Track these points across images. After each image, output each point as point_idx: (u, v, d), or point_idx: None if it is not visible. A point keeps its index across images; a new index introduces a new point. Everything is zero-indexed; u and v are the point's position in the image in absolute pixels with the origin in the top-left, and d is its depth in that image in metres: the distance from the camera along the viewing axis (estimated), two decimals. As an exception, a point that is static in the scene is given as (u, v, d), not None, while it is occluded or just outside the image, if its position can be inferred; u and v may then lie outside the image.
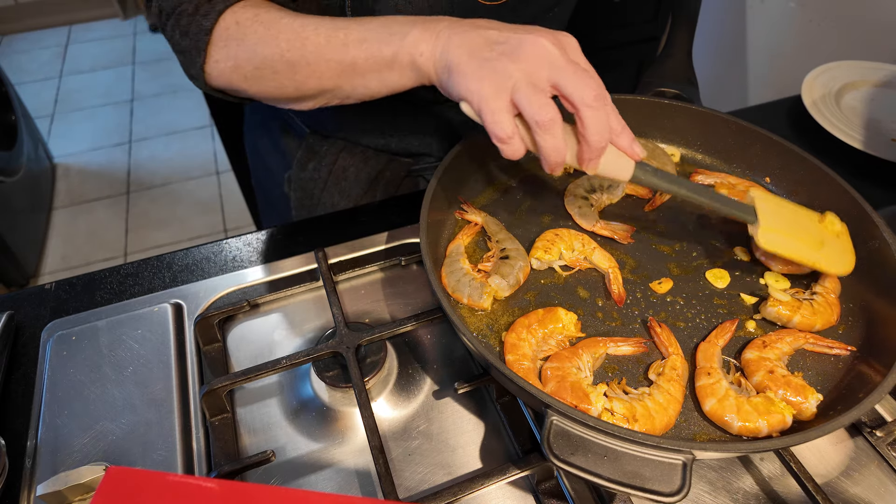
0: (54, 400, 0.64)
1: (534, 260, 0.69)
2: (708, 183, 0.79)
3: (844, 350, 0.61)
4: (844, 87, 1.11)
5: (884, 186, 0.93)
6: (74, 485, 0.55)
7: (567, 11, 0.92)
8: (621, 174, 0.60)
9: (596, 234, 0.73)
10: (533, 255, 0.69)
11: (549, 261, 0.69)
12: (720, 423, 0.56)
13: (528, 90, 0.53)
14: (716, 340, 0.61)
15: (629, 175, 0.60)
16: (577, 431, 0.49)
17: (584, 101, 0.54)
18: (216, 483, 0.45)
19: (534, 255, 0.69)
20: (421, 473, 0.60)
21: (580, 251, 0.70)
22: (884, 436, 0.60)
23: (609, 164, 0.59)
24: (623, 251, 0.72)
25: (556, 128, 0.54)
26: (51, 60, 3.52)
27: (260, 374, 0.63)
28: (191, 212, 2.64)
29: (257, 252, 0.81)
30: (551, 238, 0.70)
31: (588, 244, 0.70)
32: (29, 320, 0.73)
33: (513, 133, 0.55)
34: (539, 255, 0.69)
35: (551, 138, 0.55)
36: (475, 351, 0.56)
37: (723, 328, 0.63)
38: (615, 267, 0.68)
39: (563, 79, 0.54)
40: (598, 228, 0.73)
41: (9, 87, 2.43)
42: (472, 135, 0.74)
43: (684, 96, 0.84)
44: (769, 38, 1.64)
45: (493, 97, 0.54)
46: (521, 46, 0.54)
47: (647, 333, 0.63)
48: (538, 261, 0.69)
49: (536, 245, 0.70)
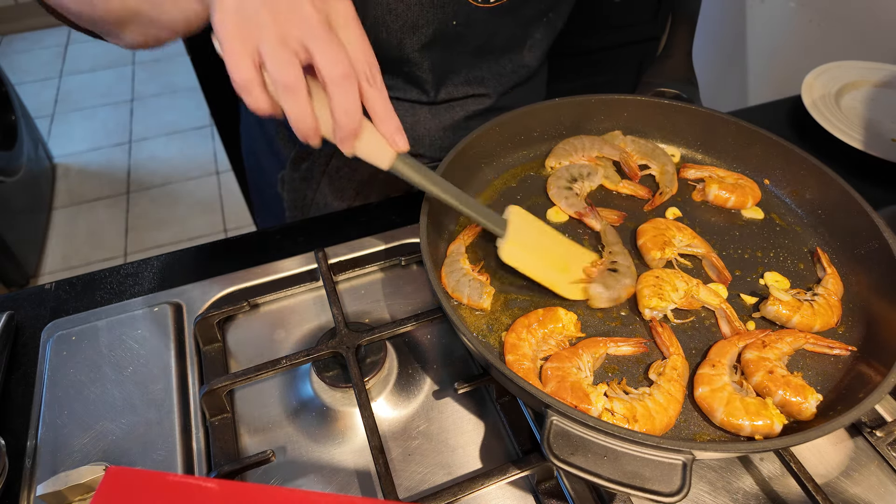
0: (54, 400, 0.64)
1: (647, 311, 0.63)
2: (698, 177, 0.80)
3: (845, 350, 0.61)
4: (844, 87, 1.11)
5: (884, 186, 0.93)
6: (74, 485, 0.55)
7: (561, 18, 0.92)
8: (380, 161, 0.58)
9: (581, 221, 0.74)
10: (646, 305, 0.63)
11: (664, 308, 0.63)
12: (706, 409, 0.56)
13: (275, 46, 0.50)
14: (736, 341, 0.61)
15: (388, 164, 0.58)
16: (577, 431, 0.49)
17: (330, 76, 0.50)
18: (216, 483, 0.45)
19: (647, 306, 0.63)
20: (421, 473, 0.60)
21: (685, 290, 0.65)
22: (884, 436, 0.60)
23: (368, 148, 0.56)
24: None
25: (299, 93, 0.51)
26: (51, 60, 3.52)
27: (260, 374, 0.63)
28: (191, 212, 2.64)
29: (257, 252, 0.81)
30: (656, 283, 0.65)
31: (690, 281, 0.66)
32: (29, 320, 0.73)
33: (251, 82, 0.51)
34: (654, 305, 0.63)
35: (293, 103, 0.51)
36: (475, 351, 0.56)
37: (749, 334, 0.62)
38: (724, 301, 0.65)
39: (314, 47, 0.50)
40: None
41: (9, 87, 2.43)
42: (472, 135, 0.74)
43: (684, 96, 0.84)
44: (769, 39, 1.64)
45: (237, 39, 0.50)
46: (281, 1, 0.50)
47: (647, 333, 0.63)
48: (651, 310, 0.63)
49: (643, 293, 0.64)
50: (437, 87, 0.90)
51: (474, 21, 0.80)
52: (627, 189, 0.79)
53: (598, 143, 0.82)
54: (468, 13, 0.79)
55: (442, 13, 0.78)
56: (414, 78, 0.87)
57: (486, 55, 0.89)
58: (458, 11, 0.78)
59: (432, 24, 0.78)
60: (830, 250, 0.71)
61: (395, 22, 0.78)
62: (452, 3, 0.77)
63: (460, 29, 0.81)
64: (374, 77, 0.54)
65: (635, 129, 0.84)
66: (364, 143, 0.56)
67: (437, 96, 0.91)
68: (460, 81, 0.90)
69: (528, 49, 0.92)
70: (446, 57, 0.86)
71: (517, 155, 0.82)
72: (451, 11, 0.78)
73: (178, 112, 3.16)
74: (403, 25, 0.78)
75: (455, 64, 0.88)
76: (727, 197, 0.76)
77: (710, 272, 0.69)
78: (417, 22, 0.78)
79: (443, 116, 0.94)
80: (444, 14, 0.78)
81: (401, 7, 0.76)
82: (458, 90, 0.91)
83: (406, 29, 0.79)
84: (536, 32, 0.91)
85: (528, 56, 0.93)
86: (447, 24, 0.79)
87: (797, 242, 0.73)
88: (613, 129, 0.85)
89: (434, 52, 0.84)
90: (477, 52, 0.87)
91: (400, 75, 0.88)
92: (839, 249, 0.70)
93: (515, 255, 0.65)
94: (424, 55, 0.83)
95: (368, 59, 0.53)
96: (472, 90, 0.92)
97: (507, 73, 0.93)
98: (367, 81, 0.54)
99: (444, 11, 0.78)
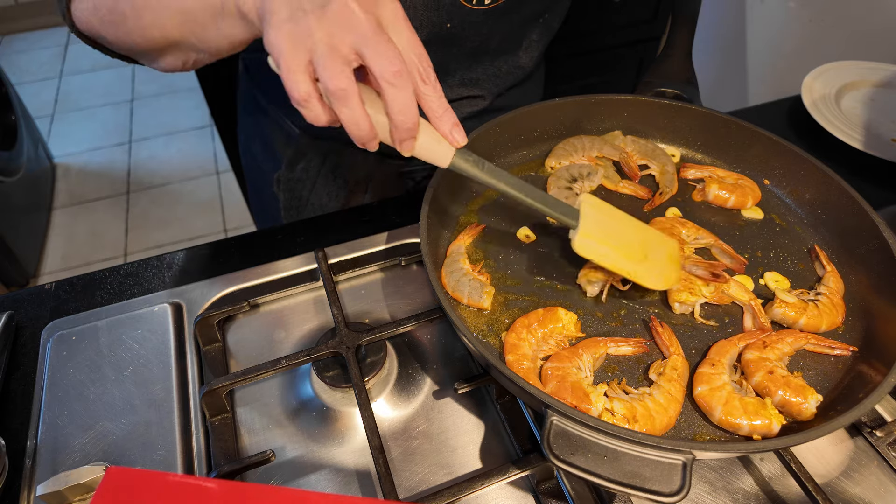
0: (54, 400, 0.64)
1: (676, 304, 0.64)
2: (698, 177, 0.80)
3: (847, 351, 0.61)
4: (844, 87, 1.11)
5: (884, 187, 0.93)
6: (74, 485, 0.55)
7: (557, 19, 0.92)
8: (439, 160, 0.57)
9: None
10: (676, 299, 0.64)
11: (694, 302, 0.63)
12: (704, 408, 0.56)
13: (326, 54, 0.49)
14: (737, 341, 0.61)
15: (447, 162, 0.57)
16: (577, 431, 0.49)
17: (384, 77, 0.50)
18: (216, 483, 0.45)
19: (677, 300, 0.64)
20: (421, 473, 0.60)
21: (716, 284, 0.64)
22: (884, 436, 0.60)
23: (426, 147, 0.56)
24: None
25: (351, 99, 0.51)
26: (51, 60, 3.51)
27: (260, 374, 0.63)
28: (191, 212, 2.64)
29: (257, 252, 0.81)
30: (687, 277, 0.65)
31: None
32: (29, 320, 0.73)
33: (308, 95, 0.51)
34: (683, 299, 0.63)
35: (347, 110, 0.51)
36: (475, 351, 0.56)
37: (751, 334, 0.62)
38: (755, 298, 0.65)
39: (366, 49, 0.50)
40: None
41: (9, 87, 2.43)
42: (472, 135, 0.74)
43: (684, 96, 0.84)
44: (769, 38, 1.64)
45: (291, 55, 0.50)
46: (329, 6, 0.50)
47: (647, 333, 0.63)
48: (682, 304, 0.63)
49: (674, 287, 0.64)
50: None
51: (469, 23, 0.80)
52: (627, 189, 0.79)
53: (598, 143, 0.82)
54: (463, 16, 0.78)
55: (436, 16, 0.77)
56: None
57: (482, 57, 0.88)
58: (453, 14, 0.78)
59: (426, 28, 0.78)
60: (830, 250, 0.71)
61: None
62: (446, 6, 0.77)
63: (455, 31, 0.80)
64: (427, 75, 0.53)
65: (635, 129, 0.84)
66: (422, 143, 0.55)
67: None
68: (455, 83, 0.90)
69: (525, 50, 0.92)
70: (440, 59, 0.85)
71: (517, 155, 0.82)
72: (446, 14, 0.77)
73: (177, 112, 3.16)
74: None
75: (450, 66, 0.87)
76: (727, 197, 0.76)
77: (722, 259, 0.69)
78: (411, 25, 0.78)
79: None
80: (438, 17, 0.77)
81: None
82: (452, 92, 0.91)
83: None
84: (532, 33, 0.90)
85: (524, 57, 0.92)
86: (441, 26, 0.79)
87: (797, 242, 0.73)
88: (613, 129, 0.85)
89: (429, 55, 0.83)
90: (472, 53, 0.87)
91: None
92: (839, 249, 0.70)
93: (590, 246, 0.62)
94: None
95: (421, 58, 0.53)
96: (468, 92, 0.92)
97: (502, 75, 0.93)
98: (422, 80, 0.53)
99: (437, 14, 0.77)
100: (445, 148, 0.57)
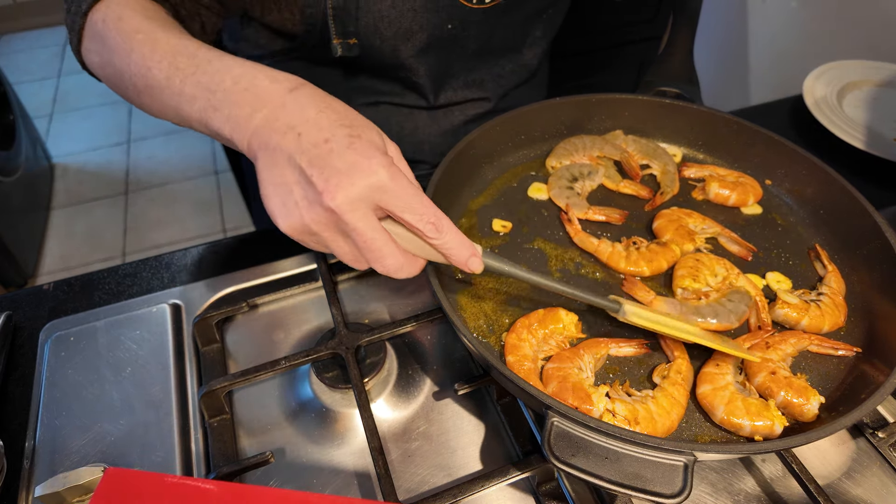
0: (52, 401, 0.64)
1: (679, 290, 0.64)
2: (699, 175, 0.80)
3: (850, 351, 0.61)
4: (846, 86, 1.11)
5: (886, 186, 0.93)
6: (73, 486, 0.54)
7: (561, 14, 0.91)
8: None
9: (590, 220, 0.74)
10: (679, 284, 0.64)
11: (697, 289, 0.63)
12: (706, 408, 0.56)
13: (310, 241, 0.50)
14: (741, 342, 0.61)
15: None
16: (577, 433, 0.48)
17: (427, 236, 0.50)
18: (215, 485, 0.45)
19: (680, 286, 0.64)
20: (421, 475, 0.60)
21: (724, 276, 0.65)
22: (886, 437, 0.60)
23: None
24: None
25: (360, 263, 0.51)
26: (49, 60, 3.51)
27: (259, 375, 0.62)
28: (189, 212, 2.63)
29: (256, 252, 0.80)
30: (693, 265, 0.65)
31: (731, 269, 0.65)
32: (27, 321, 0.73)
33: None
34: (686, 285, 0.63)
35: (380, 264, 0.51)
36: (475, 352, 0.56)
37: (754, 335, 0.62)
38: (761, 295, 0.64)
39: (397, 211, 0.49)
40: (592, 214, 0.73)
41: (7, 86, 2.42)
42: (472, 134, 0.74)
43: (685, 96, 0.84)
44: (771, 38, 1.64)
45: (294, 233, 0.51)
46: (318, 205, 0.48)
47: (648, 334, 0.63)
48: (685, 291, 0.63)
49: (678, 273, 0.65)
50: (436, 91, 0.89)
51: (470, 23, 0.80)
52: (629, 189, 0.79)
53: (599, 142, 0.82)
54: (463, 16, 0.78)
55: (436, 17, 0.77)
56: (411, 83, 0.87)
57: (485, 56, 0.88)
58: (453, 15, 0.77)
59: (426, 30, 0.77)
60: (832, 250, 0.71)
61: (389, 29, 0.77)
62: (446, 7, 0.76)
63: (456, 32, 0.80)
64: (438, 228, 0.51)
65: (636, 128, 0.84)
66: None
67: (436, 101, 0.90)
68: (459, 85, 0.90)
69: (528, 47, 0.91)
70: (443, 61, 0.85)
71: (518, 154, 0.82)
72: (446, 15, 0.77)
73: (177, 111, 3.15)
74: (397, 32, 0.77)
75: (453, 67, 0.87)
76: (728, 195, 0.75)
77: (729, 247, 0.70)
78: (411, 28, 0.77)
79: (442, 121, 0.93)
80: (439, 18, 0.77)
81: (393, 14, 0.75)
82: (456, 94, 0.91)
83: (400, 36, 0.78)
84: (536, 30, 0.90)
85: (528, 55, 0.92)
86: (442, 28, 0.78)
87: (799, 242, 0.73)
88: (614, 128, 0.84)
89: (430, 57, 0.83)
90: (475, 54, 0.86)
91: (397, 81, 0.87)
92: (841, 249, 0.70)
93: (641, 314, 0.59)
94: (420, 61, 0.82)
95: (429, 217, 0.50)
96: (472, 94, 0.91)
97: (506, 74, 0.93)
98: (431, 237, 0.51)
99: (438, 16, 0.77)
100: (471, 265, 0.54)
